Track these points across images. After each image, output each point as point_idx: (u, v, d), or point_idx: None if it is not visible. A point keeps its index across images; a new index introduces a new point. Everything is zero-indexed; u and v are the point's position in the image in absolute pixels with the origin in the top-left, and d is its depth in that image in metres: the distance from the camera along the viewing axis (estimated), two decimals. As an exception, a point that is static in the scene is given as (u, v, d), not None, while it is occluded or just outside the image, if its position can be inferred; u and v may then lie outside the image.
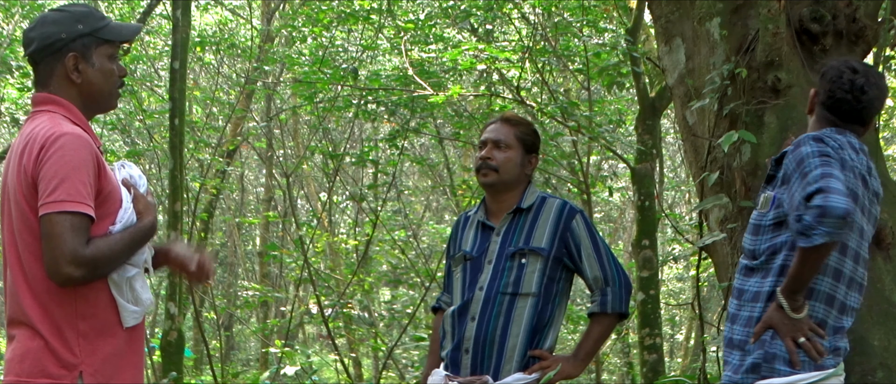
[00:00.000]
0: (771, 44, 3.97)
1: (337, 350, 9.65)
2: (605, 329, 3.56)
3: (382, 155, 12.05)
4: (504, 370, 3.43)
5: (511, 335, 3.43)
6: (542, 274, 3.46)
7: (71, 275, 2.52)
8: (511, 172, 3.56)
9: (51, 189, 2.52)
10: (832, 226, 2.77)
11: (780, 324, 2.99)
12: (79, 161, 2.55)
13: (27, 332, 2.60)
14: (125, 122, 12.05)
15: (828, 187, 2.81)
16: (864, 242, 3.11)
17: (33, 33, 2.72)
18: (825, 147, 2.99)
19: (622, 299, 3.50)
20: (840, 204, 2.76)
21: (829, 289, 3.04)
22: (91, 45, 2.71)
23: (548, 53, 9.31)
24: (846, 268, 3.06)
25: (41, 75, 2.73)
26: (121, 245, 2.61)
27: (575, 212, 3.53)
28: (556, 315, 3.51)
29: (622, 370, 12.71)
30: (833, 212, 2.76)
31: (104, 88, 2.76)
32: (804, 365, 2.99)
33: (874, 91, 3.14)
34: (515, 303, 3.44)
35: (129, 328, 2.69)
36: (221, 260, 18.66)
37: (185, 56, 7.99)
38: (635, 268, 8.99)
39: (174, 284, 7.57)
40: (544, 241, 3.48)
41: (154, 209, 2.78)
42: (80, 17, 2.71)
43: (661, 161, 10.58)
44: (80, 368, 2.59)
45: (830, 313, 3.04)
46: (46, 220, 2.51)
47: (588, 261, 3.48)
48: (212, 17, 14.87)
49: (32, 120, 2.70)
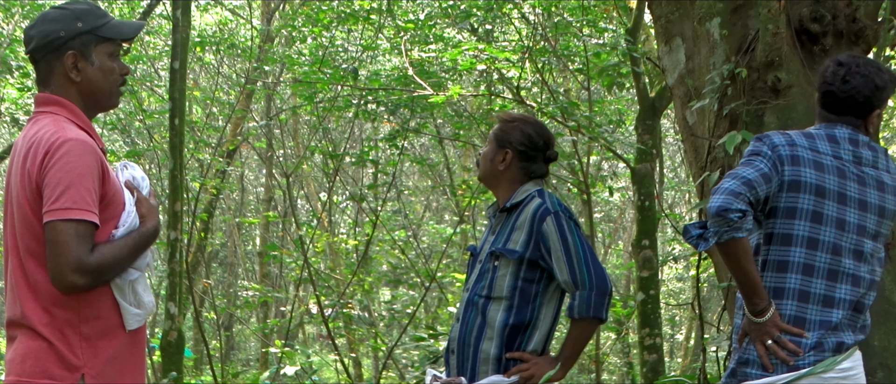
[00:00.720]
0: (771, 44, 3.97)
1: (337, 350, 9.65)
2: (579, 332, 3.48)
3: (382, 155, 12.05)
4: (480, 372, 3.44)
5: (485, 338, 3.44)
6: (514, 277, 3.44)
7: (75, 283, 2.52)
8: (484, 168, 3.61)
9: (55, 196, 2.51)
10: (716, 225, 2.90)
11: (749, 329, 3.06)
12: (83, 167, 2.55)
13: (29, 333, 2.60)
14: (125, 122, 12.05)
15: (718, 188, 2.94)
16: (850, 234, 3.07)
17: (33, 31, 2.71)
18: (761, 145, 3.06)
19: (591, 304, 3.39)
20: (714, 203, 2.89)
21: (800, 285, 3.03)
22: (91, 43, 2.70)
23: (548, 53, 9.31)
24: (819, 261, 3.04)
25: (42, 74, 2.73)
26: (125, 251, 2.61)
27: (548, 214, 3.44)
28: (539, 317, 3.47)
29: (622, 370, 12.71)
30: (709, 211, 2.91)
31: (104, 87, 2.74)
32: (777, 367, 3.00)
33: (858, 79, 3.11)
34: (489, 307, 3.46)
35: (131, 331, 2.69)
36: (221, 260, 18.66)
37: (185, 56, 7.98)
38: (635, 268, 8.99)
39: (174, 284, 7.57)
40: (519, 244, 3.45)
41: (157, 212, 2.77)
42: (79, 15, 2.70)
43: (661, 161, 10.58)
44: (83, 370, 2.59)
45: (808, 308, 3.03)
46: (51, 228, 2.51)
47: (557, 265, 3.41)
48: (212, 17, 14.87)
49: (35, 122, 2.70)
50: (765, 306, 3.00)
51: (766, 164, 3.00)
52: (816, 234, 3.03)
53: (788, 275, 3.03)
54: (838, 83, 3.12)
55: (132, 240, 2.64)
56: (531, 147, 3.60)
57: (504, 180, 3.59)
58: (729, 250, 2.94)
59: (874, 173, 3.14)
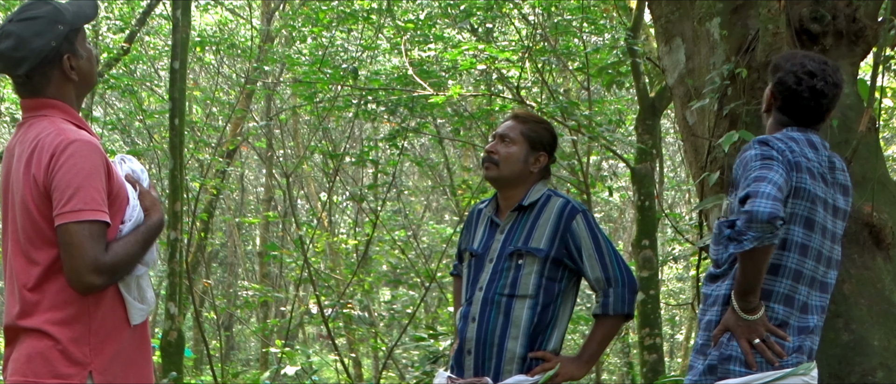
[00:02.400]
0: (771, 44, 3.97)
1: (337, 350, 9.66)
2: (608, 330, 3.52)
3: (382, 155, 12.05)
4: (505, 372, 3.41)
5: (510, 337, 3.41)
6: (539, 276, 3.43)
7: (94, 284, 2.55)
8: (512, 167, 3.52)
9: (66, 198, 2.52)
10: (759, 231, 2.81)
11: (735, 326, 3.01)
12: (91, 168, 2.56)
13: (33, 334, 2.60)
14: (125, 122, 12.06)
15: (757, 191, 2.84)
16: (827, 241, 3.09)
17: (19, 53, 2.65)
18: (769, 149, 3.01)
19: (625, 300, 3.45)
20: (764, 209, 2.80)
21: (788, 290, 3.04)
22: (74, 39, 2.71)
23: (548, 53, 9.32)
24: (807, 268, 3.05)
25: (36, 85, 2.70)
26: (136, 247, 2.64)
27: (576, 212, 3.48)
28: (559, 316, 3.47)
29: (622, 370, 12.71)
30: (758, 217, 2.80)
31: (92, 70, 2.79)
32: (760, 365, 3.00)
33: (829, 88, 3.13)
34: (513, 305, 3.42)
35: (135, 326, 2.71)
36: (221, 260, 18.66)
37: (185, 56, 7.98)
38: (635, 269, 8.99)
39: (174, 284, 7.57)
40: (543, 242, 3.44)
41: (160, 204, 2.80)
42: (55, 18, 2.68)
43: (661, 161, 10.58)
44: (90, 367, 2.60)
45: (792, 314, 3.04)
46: (64, 231, 2.52)
47: (589, 262, 3.44)
48: (212, 17, 14.87)
49: (32, 126, 2.69)
50: (756, 305, 2.99)
51: (785, 170, 2.97)
52: (808, 241, 3.04)
53: (779, 279, 3.03)
54: (809, 92, 3.12)
55: (141, 234, 2.66)
56: (555, 148, 3.64)
57: (529, 181, 3.57)
58: (761, 255, 2.89)
59: (842, 179, 3.17)
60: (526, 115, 3.66)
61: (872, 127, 4.09)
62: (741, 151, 3.09)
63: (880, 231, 3.83)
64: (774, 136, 3.10)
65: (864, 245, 3.83)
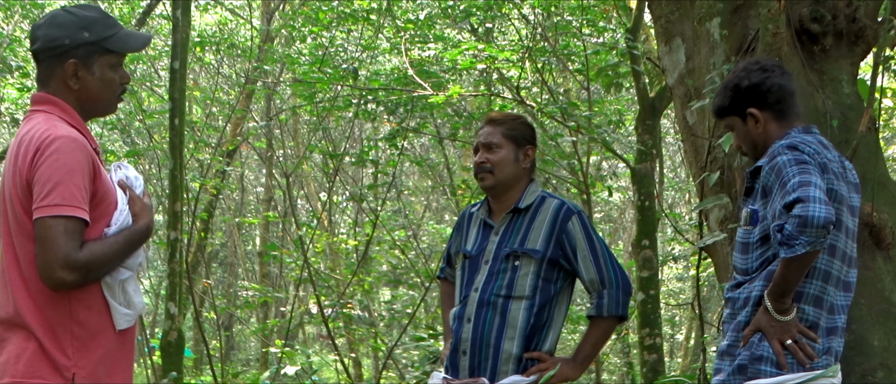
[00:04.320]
0: (771, 44, 3.96)
1: (337, 350, 9.65)
2: (602, 332, 3.54)
3: (382, 155, 12.05)
4: (501, 372, 3.42)
5: (506, 338, 3.42)
6: (536, 276, 3.44)
7: (64, 280, 2.52)
8: (506, 171, 3.53)
9: (45, 192, 2.51)
10: (814, 236, 2.78)
11: (767, 327, 3.00)
12: (74, 164, 2.54)
13: (22, 334, 2.59)
14: (125, 122, 12.05)
15: (807, 196, 2.81)
16: (849, 241, 3.10)
17: (39, 32, 2.69)
18: (801, 154, 2.98)
19: (619, 302, 3.46)
20: (820, 213, 2.77)
21: (818, 291, 3.03)
22: (94, 54, 2.68)
23: (548, 53, 9.32)
24: (834, 268, 3.05)
25: (42, 73, 2.72)
26: (115, 248, 2.60)
27: (571, 214, 3.48)
28: (554, 317, 3.48)
29: (622, 370, 12.71)
30: (814, 222, 2.77)
31: (102, 97, 2.74)
32: (791, 366, 2.99)
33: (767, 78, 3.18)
34: (509, 306, 3.42)
35: (120, 331, 2.68)
36: (221, 260, 18.66)
37: (185, 56, 7.98)
38: (635, 268, 8.99)
39: (174, 284, 7.57)
40: (539, 243, 3.45)
41: (150, 211, 2.75)
42: (87, 25, 2.67)
43: (661, 161, 10.58)
44: (73, 371, 2.59)
45: (821, 315, 3.04)
46: (40, 224, 2.51)
47: (584, 264, 3.45)
48: (212, 17, 14.87)
49: (28, 120, 2.70)
50: (789, 306, 2.99)
51: (819, 173, 2.95)
52: (836, 241, 3.04)
53: (811, 280, 3.02)
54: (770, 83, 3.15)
55: (123, 237, 2.63)
56: (536, 137, 3.65)
57: (522, 180, 3.58)
58: (808, 260, 2.87)
59: (852, 177, 3.18)
60: (499, 117, 3.67)
61: (872, 127, 4.08)
62: (769, 157, 3.05)
63: (880, 231, 3.83)
64: (798, 141, 3.07)
65: (864, 245, 3.82)
